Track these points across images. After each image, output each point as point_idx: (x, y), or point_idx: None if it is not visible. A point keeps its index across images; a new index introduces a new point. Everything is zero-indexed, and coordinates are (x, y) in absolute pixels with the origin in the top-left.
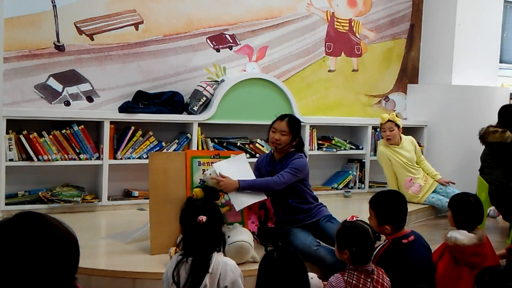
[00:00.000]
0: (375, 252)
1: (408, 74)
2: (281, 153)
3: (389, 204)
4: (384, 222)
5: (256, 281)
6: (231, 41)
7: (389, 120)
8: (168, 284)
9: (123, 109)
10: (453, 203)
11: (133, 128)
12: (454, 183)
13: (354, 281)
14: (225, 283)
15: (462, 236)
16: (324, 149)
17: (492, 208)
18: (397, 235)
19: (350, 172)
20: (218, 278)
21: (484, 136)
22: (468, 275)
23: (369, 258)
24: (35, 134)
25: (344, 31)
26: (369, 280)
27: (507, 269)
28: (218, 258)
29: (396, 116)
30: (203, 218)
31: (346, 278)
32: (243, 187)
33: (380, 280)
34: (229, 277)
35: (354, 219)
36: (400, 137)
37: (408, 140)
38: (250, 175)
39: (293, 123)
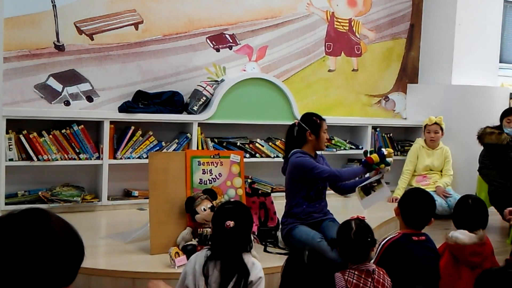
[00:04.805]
0: (383, 243)
1: (408, 74)
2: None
3: (410, 200)
4: (399, 205)
5: (281, 283)
6: (231, 41)
7: (435, 123)
8: (195, 276)
9: (123, 109)
10: (454, 206)
11: (133, 128)
12: (450, 195)
13: (354, 281)
14: (251, 278)
15: (463, 236)
16: None
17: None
18: (409, 231)
19: None
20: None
21: (481, 137)
22: (468, 275)
23: (358, 258)
24: (35, 134)
25: (344, 31)
26: (370, 280)
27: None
28: (246, 259)
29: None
30: (230, 223)
31: (346, 277)
32: None
33: (381, 280)
34: (254, 274)
35: (355, 217)
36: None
37: (442, 150)
38: None
39: None
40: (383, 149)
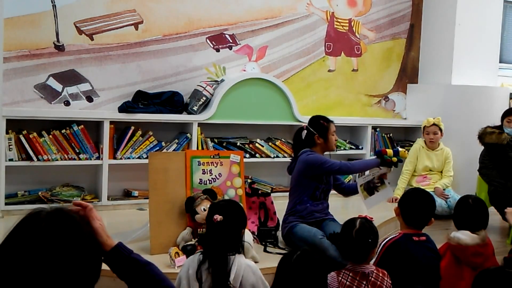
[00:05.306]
0: (383, 243)
1: (408, 74)
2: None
3: (410, 199)
4: (399, 205)
5: (273, 282)
6: (231, 41)
7: (434, 124)
8: (189, 280)
9: (123, 109)
10: (455, 206)
11: (133, 128)
12: (448, 196)
13: (348, 282)
14: (247, 286)
15: (465, 236)
16: None
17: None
18: (409, 231)
19: None
20: (240, 280)
21: (481, 136)
22: (470, 276)
23: (356, 257)
24: (35, 134)
25: (344, 31)
26: (364, 283)
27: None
28: (240, 260)
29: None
30: (218, 217)
31: (340, 278)
32: None
33: (378, 282)
34: (250, 280)
35: (362, 216)
36: (439, 144)
37: (443, 151)
38: None
39: None
40: (399, 148)
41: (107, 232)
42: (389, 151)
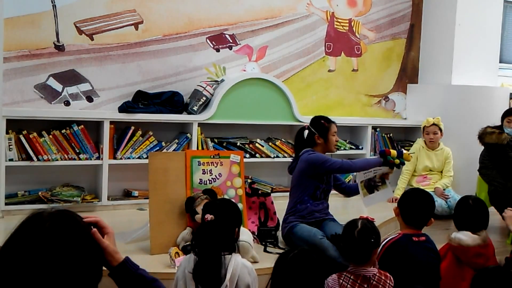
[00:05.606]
0: (383, 243)
1: (408, 74)
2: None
3: (410, 199)
4: (399, 205)
5: (270, 281)
6: (231, 41)
7: (433, 124)
8: (186, 280)
9: (123, 109)
10: (455, 206)
11: (133, 128)
12: (448, 197)
13: (349, 286)
14: (241, 286)
15: (466, 237)
16: None
17: None
18: (409, 231)
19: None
20: (236, 279)
21: (481, 136)
22: (471, 276)
23: (359, 258)
24: (35, 134)
25: (344, 31)
26: (366, 286)
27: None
28: (237, 260)
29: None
30: (209, 217)
31: (341, 281)
32: None
33: (380, 286)
34: (246, 280)
35: (363, 217)
36: (439, 143)
37: (443, 151)
38: None
39: None
40: (404, 150)
41: (116, 247)
42: (393, 152)
